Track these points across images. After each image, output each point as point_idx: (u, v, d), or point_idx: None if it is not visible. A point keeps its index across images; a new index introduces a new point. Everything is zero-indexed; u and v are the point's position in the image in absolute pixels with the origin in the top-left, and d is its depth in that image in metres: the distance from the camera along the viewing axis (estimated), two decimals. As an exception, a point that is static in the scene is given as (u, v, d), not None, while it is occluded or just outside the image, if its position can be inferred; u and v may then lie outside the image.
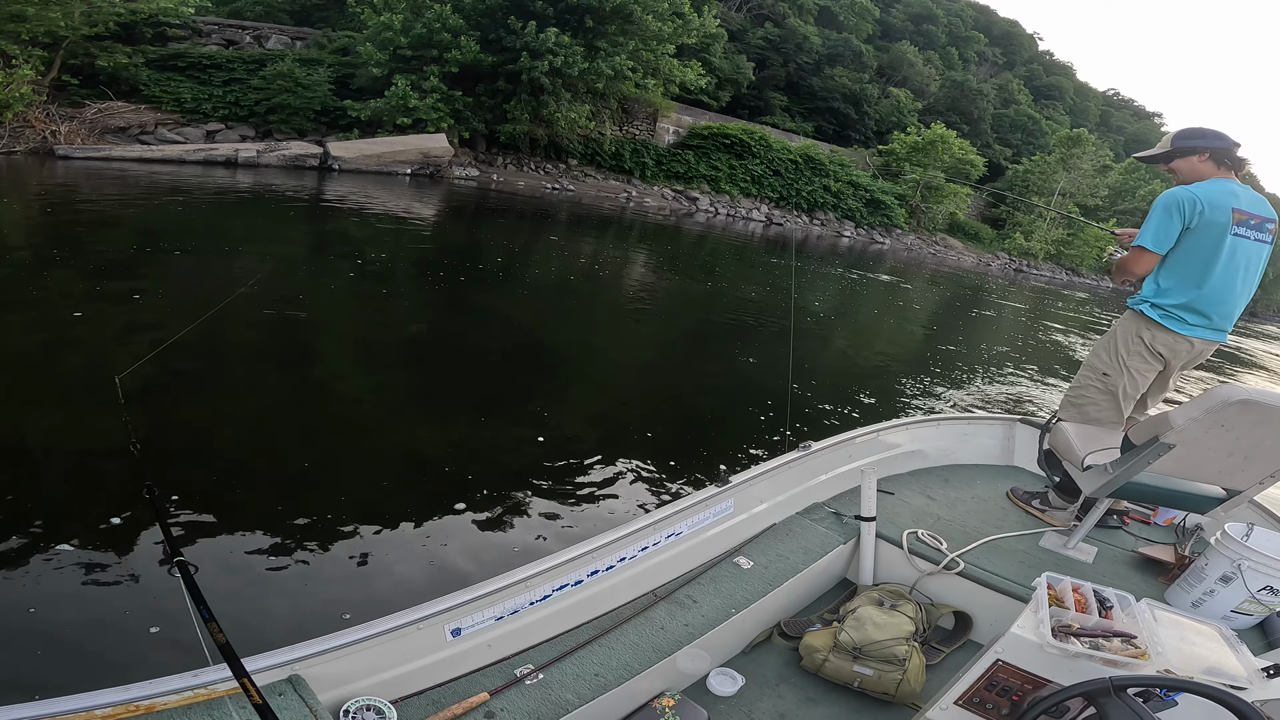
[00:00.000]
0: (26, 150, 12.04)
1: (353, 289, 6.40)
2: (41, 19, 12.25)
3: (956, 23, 42.89)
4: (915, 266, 20.61)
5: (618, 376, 5.52)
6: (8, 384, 3.51)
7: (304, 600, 2.30)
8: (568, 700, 1.39)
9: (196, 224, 8.39)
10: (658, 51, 19.22)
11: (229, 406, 3.62)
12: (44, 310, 4.53)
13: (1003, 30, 47.28)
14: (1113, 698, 1.12)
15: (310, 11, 21.98)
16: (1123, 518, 2.53)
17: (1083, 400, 2.48)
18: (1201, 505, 2.10)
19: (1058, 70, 49.47)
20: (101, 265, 5.76)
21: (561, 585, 1.59)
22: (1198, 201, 2.16)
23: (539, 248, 10.88)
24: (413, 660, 1.34)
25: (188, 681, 1.10)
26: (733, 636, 1.77)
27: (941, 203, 26.80)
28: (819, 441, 2.37)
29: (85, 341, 4.13)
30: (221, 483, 2.89)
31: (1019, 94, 40.57)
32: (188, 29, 15.88)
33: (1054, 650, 1.28)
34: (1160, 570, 2.18)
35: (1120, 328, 2.44)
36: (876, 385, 6.16)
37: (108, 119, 13.06)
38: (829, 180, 24.76)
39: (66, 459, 2.87)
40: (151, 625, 2.00)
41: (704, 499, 1.96)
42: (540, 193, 18.13)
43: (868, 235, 25.25)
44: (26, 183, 9.76)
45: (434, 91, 16.13)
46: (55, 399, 3.38)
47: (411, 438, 3.65)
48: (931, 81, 36.43)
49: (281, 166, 13.55)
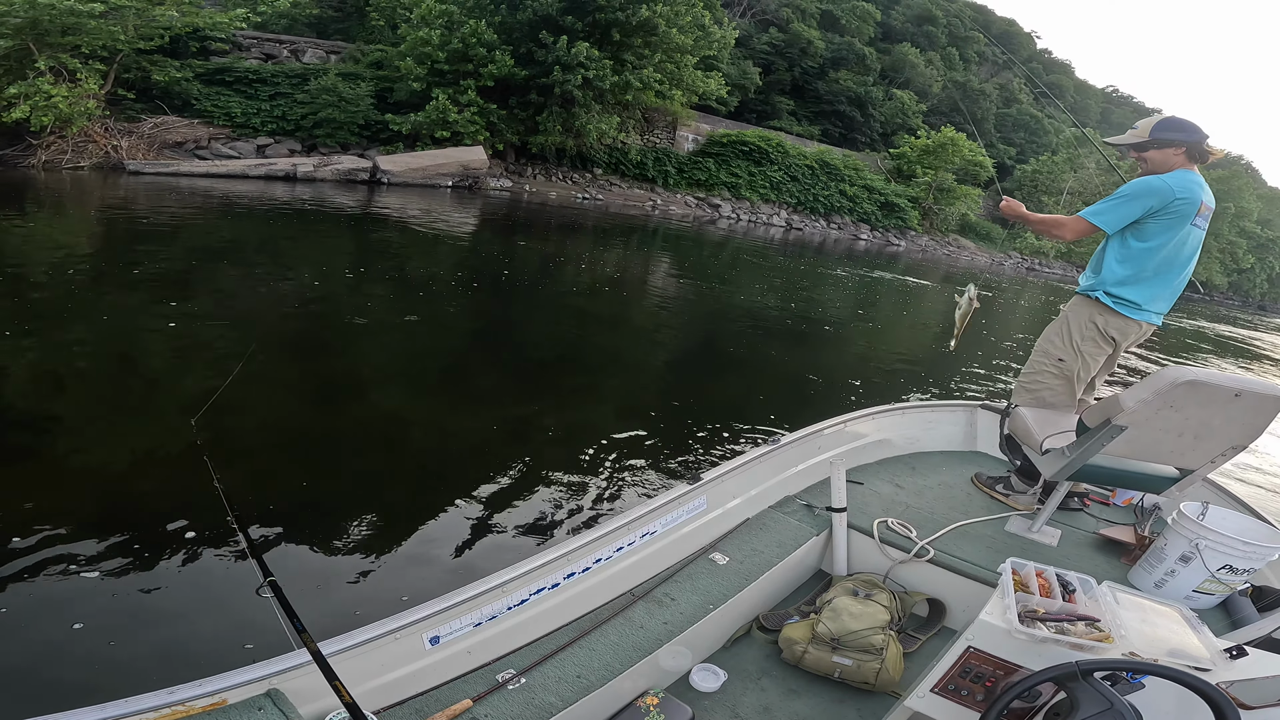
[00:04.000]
0: (92, 165, 12.66)
1: (397, 296, 6.86)
2: (100, 32, 12.63)
3: (956, 23, 44.47)
4: (930, 267, 21.66)
5: (638, 377, 5.80)
6: (83, 401, 3.65)
7: (367, 594, 2.41)
8: (551, 703, 1.42)
9: (275, 238, 9.13)
10: (681, 63, 20.30)
11: (265, 411, 3.78)
12: (140, 319, 4.93)
13: (1000, 29, 48.93)
14: (1080, 681, 1.15)
15: (327, 23, 22.77)
16: (1083, 500, 2.63)
17: (1037, 385, 2.58)
18: (1156, 485, 2.19)
19: (1057, 68, 51.31)
20: (204, 277, 6.38)
21: (539, 589, 1.63)
22: (1172, 191, 2.22)
23: (573, 255, 11.52)
24: (392, 670, 1.37)
25: (164, 699, 1.11)
26: (713, 632, 1.83)
27: (953, 204, 28.08)
28: (788, 434, 2.47)
29: (176, 353, 4.45)
30: (263, 485, 2.98)
31: (1020, 93, 42.21)
32: (229, 42, 16.51)
33: (1021, 636, 1.32)
34: (1122, 551, 2.27)
35: (1072, 314, 2.52)
36: (891, 378, 6.57)
37: (165, 134, 13.75)
38: (844, 184, 25.95)
39: (133, 473, 3.00)
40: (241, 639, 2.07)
41: (677, 497, 2.02)
42: (571, 202, 19.06)
43: (883, 238, 26.43)
44: (114, 198, 10.46)
45: (470, 105, 17.04)
46: (132, 420, 3.53)
47: (437, 437, 3.87)
48: (934, 82, 37.93)
49: (335, 180, 14.36)
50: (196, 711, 1.12)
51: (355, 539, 2.74)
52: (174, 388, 3.98)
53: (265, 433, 3.57)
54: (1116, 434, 1.91)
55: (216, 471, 1.53)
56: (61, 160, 12.37)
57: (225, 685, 1.15)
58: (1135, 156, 2.37)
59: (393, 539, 2.77)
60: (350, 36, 21.28)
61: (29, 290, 5.34)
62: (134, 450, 3.17)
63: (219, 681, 1.15)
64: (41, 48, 12.15)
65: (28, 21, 11.76)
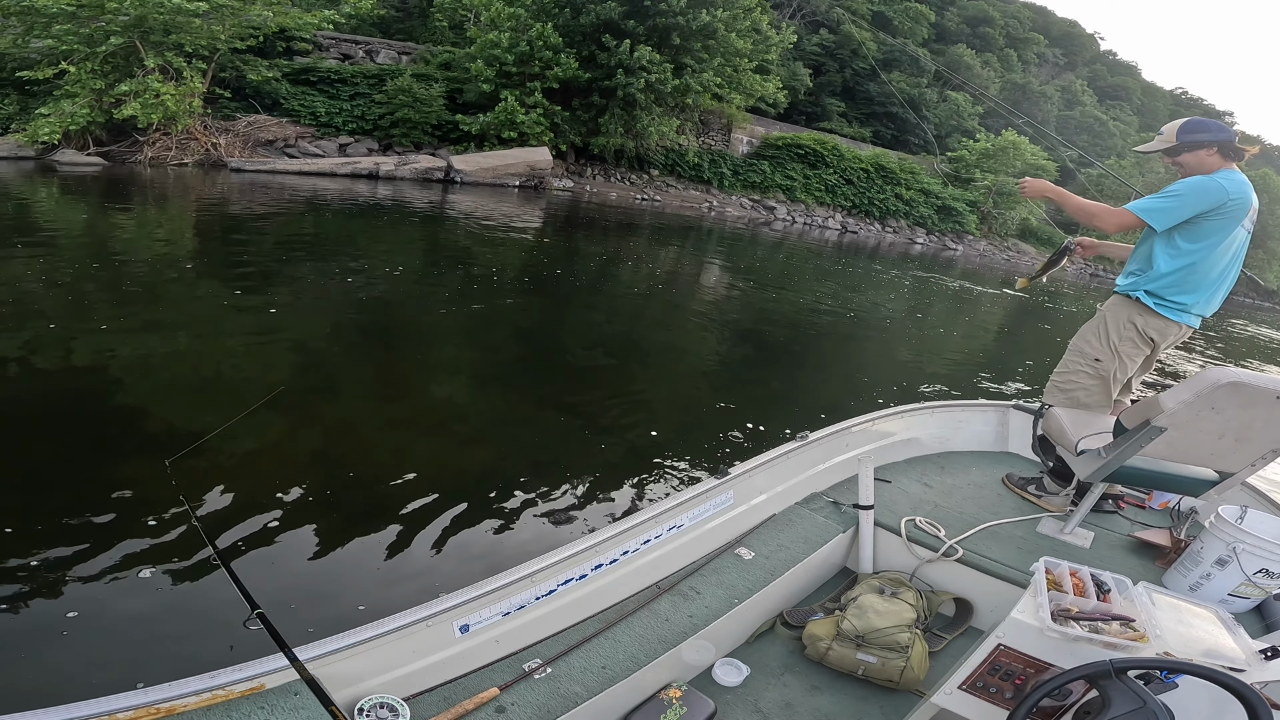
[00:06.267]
0: (194, 162, 13.67)
1: (464, 290, 7.29)
2: (201, 31, 13.47)
3: (1014, 24, 44.02)
4: (988, 272, 21.57)
5: (683, 375, 5.98)
6: (168, 388, 3.93)
7: (366, 592, 2.47)
8: (576, 693, 1.45)
9: (359, 233, 9.85)
10: (739, 67, 20.79)
11: (302, 399, 3.96)
12: (226, 312, 5.34)
13: (1062, 31, 48.29)
14: (1114, 680, 1.16)
15: (390, 23, 23.87)
16: (1118, 502, 2.62)
17: (1071, 386, 2.56)
18: (1194, 488, 2.17)
19: (1122, 70, 50.25)
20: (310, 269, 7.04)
21: (566, 580, 1.67)
22: (1226, 192, 2.21)
23: (632, 254, 12.00)
24: (423, 657, 1.42)
25: (207, 683, 1.15)
26: (736, 627, 1.86)
27: (1014, 208, 27.82)
28: (816, 431, 2.49)
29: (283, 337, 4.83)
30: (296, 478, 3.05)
31: (1083, 95, 41.50)
32: (311, 43, 17.46)
33: (1054, 634, 1.33)
34: (1157, 554, 2.27)
35: (1110, 313, 2.50)
36: (936, 380, 6.62)
37: (257, 132, 14.74)
38: (900, 188, 26.00)
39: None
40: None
41: (704, 491, 2.05)
42: (630, 203, 19.65)
43: (939, 242, 26.37)
44: (219, 194, 11.34)
45: (536, 106, 17.77)
46: (219, 403, 3.80)
47: (485, 427, 4.05)
48: (990, 84, 37.64)
49: (413, 179, 15.20)
50: (235, 696, 1.17)
51: (414, 523, 2.87)
52: (242, 386, 4.16)
53: (314, 429, 3.70)
54: (1155, 435, 1.90)
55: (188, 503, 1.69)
56: (166, 157, 13.38)
57: (262, 670, 1.20)
58: (1169, 163, 2.38)
59: (437, 525, 2.90)
60: (412, 36, 22.30)
61: (129, 281, 5.93)
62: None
63: (256, 667, 1.21)
64: (148, 46, 13.07)
65: (135, 20, 12.63)
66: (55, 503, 2.73)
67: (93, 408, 3.64)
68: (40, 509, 2.67)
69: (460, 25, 21.06)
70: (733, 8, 19.61)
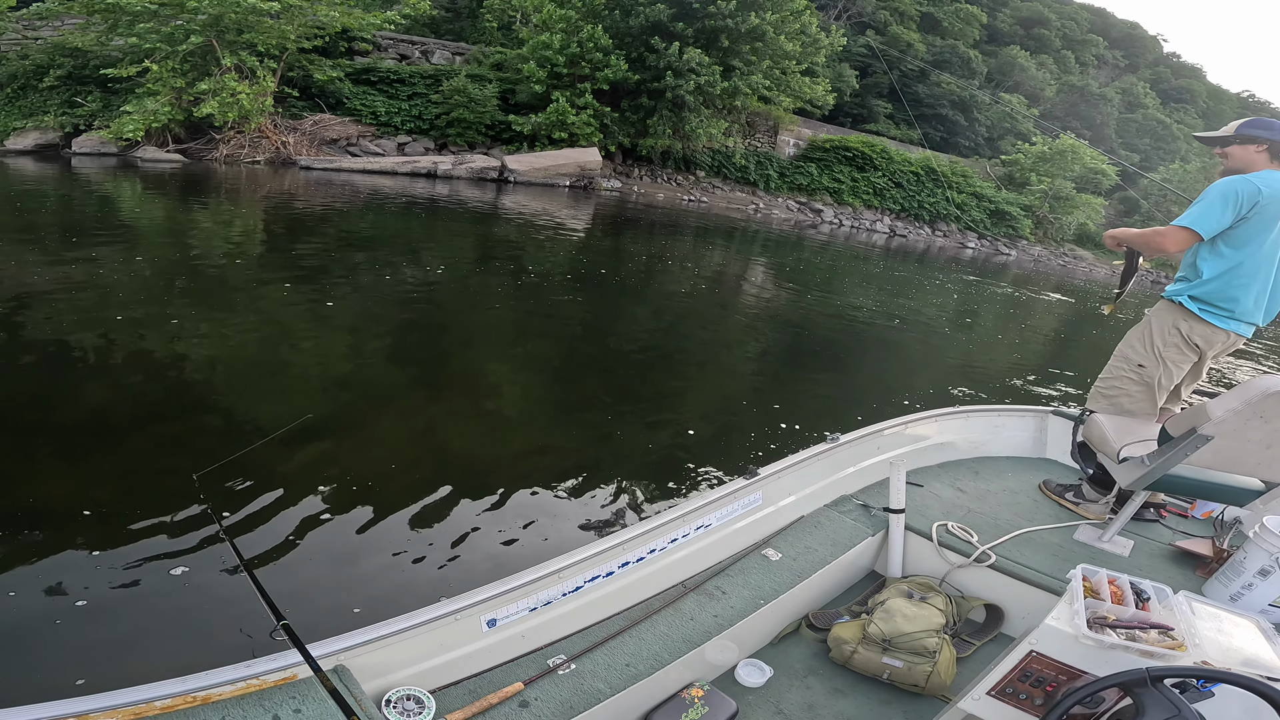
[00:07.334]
0: (265, 160, 14.35)
1: (514, 287, 7.57)
2: (273, 31, 14.14)
3: (1071, 26, 43.00)
4: (1043, 278, 21.08)
5: (722, 375, 6.03)
6: (228, 379, 4.10)
7: (392, 587, 2.51)
8: (599, 690, 1.47)
9: (421, 231, 10.30)
10: (787, 69, 20.83)
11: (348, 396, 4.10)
12: (287, 309, 5.58)
13: (1122, 33, 47.00)
14: (1149, 688, 1.15)
15: (440, 23, 24.55)
16: (1159, 511, 2.60)
17: (1115, 392, 2.54)
18: (1240, 498, 2.15)
19: (1186, 73, 48.59)
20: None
21: (593, 577, 1.69)
22: (1260, 192, 2.20)
23: (678, 254, 12.17)
24: (450, 650, 1.45)
25: (242, 672, 1.19)
26: (761, 628, 1.87)
27: (1071, 213, 27.13)
28: (847, 434, 2.49)
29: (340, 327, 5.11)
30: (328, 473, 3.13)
31: (1145, 98, 40.25)
32: (371, 43, 18.13)
33: (1089, 641, 1.32)
34: (1197, 563, 2.25)
35: (1156, 319, 2.48)
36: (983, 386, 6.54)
37: (322, 131, 15.41)
38: (951, 191, 25.61)
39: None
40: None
41: (732, 491, 2.06)
42: (676, 203, 19.86)
43: (991, 246, 25.87)
44: (291, 191, 11.90)
45: (586, 107, 18.13)
46: (286, 393, 3.91)
47: (520, 422, 4.12)
48: (1046, 86, 36.80)
49: (468, 178, 15.68)
50: (269, 685, 1.20)
51: (445, 517, 2.96)
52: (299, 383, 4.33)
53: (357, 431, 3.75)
54: (1201, 444, 1.89)
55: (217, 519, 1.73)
56: (240, 154, 14.08)
57: (297, 660, 1.23)
58: (1219, 153, 2.40)
59: (469, 519, 3.00)
60: (461, 36, 22.90)
61: (202, 275, 6.31)
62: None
63: (290, 657, 1.24)
64: (223, 46, 13.77)
65: (212, 19, 13.31)
66: (109, 489, 2.85)
67: (155, 397, 3.81)
68: (96, 498, 2.78)
69: (508, 26, 21.58)
70: (781, 10, 19.69)
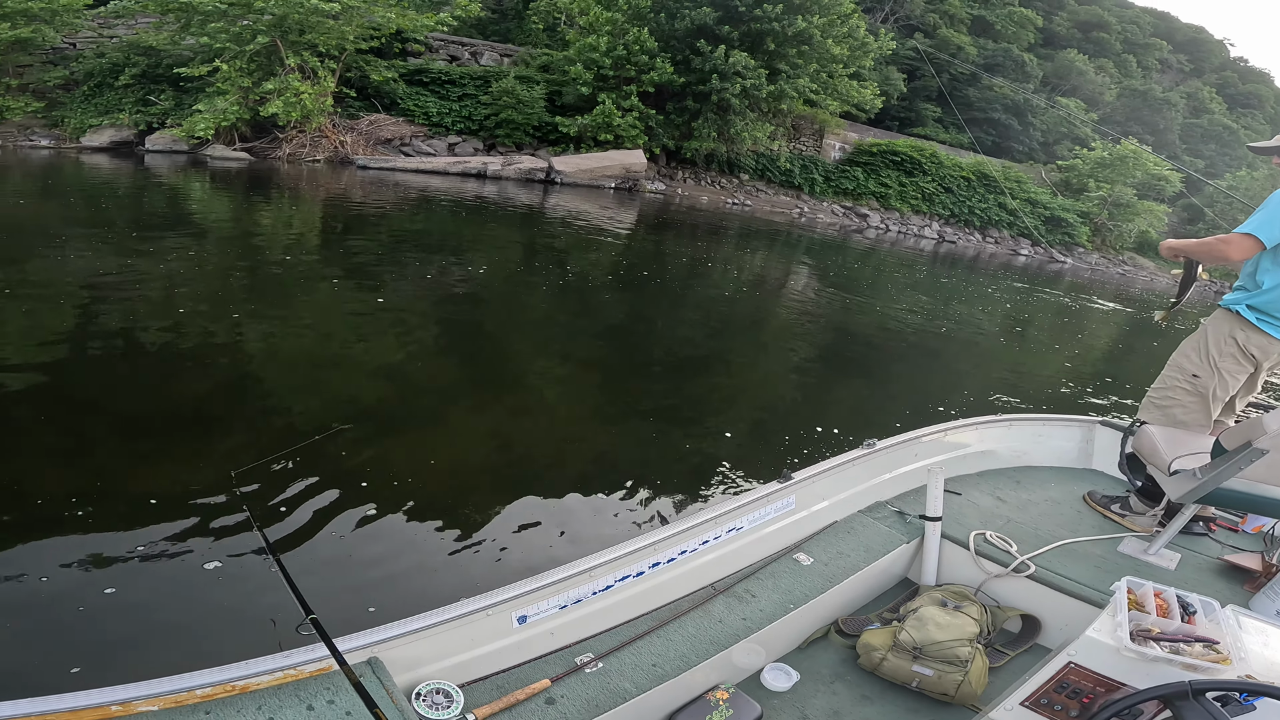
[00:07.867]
0: (325, 159, 14.88)
1: (556, 288, 7.65)
2: (333, 31, 14.53)
3: (1132, 29, 41.68)
4: (1100, 286, 20.40)
5: (762, 379, 6.00)
6: (280, 376, 4.23)
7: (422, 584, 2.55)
8: (625, 689, 1.48)
9: (470, 230, 10.57)
10: (834, 73, 20.65)
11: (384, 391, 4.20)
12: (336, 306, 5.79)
13: (1187, 37, 45.38)
14: (1190, 701, 1.14)
15: (485, 25, 25.03)
16: (1209, 524, 2.55)
17: (1169, 402, 2.50)
18: None
19: (1254, 78, 46.58)
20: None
21: (623, 576, 1.70)
22: None
23: (720, 258, 12.19)
24: (480, 645, 1.46)
25: (279, 662, 1.22)
26: (789, 632, 1.86)
27: (1132, 220, 26.17)
28: (884, 440, 2.46)
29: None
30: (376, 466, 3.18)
31: (1211, 103, 38.65)
32: (423, 44, 18.54)
33: (1131, 654, 1.31)
34: (1245, 578, 2.22)
35: (1211, 328, 2.45)
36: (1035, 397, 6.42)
37: (377, 130, 15.91)
38: (1004, 197, 24.96)
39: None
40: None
41: (766, 495, 2.05)
42: (720, 206, 19.87)
43: (1046, 253, 25.14)
44: (348, 190, 12.32)
45: (632, 109, 18.28)
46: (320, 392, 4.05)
47: (563, 422, 4.18)
48: (1106, 90, 35.63)
49: (516, 179, 16.00)
50: (305, 676, 1.23)
51: (480, 513, 3.01)
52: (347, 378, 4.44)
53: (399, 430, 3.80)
54: (1256, 457, 1.87)
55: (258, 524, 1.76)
56: (302, 154, 14.62)
57: (329, 653, 1.25)
58: (1277, 162, 2.39)
59: (504, 515, 3.05)
60: (507, 38, 23.31)
61: (263, 269, 6.54)
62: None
63: (326, 649, 1.26)
64: (287, 46, 14.29)
65: (277, 19, 13.80)
66: (152, 478, 2.93)
67: (204, 388, 3.95)
68: (136, 488, 2.86)
69: (553, 28, 21.90)
70: (829, 14, 19.55)
